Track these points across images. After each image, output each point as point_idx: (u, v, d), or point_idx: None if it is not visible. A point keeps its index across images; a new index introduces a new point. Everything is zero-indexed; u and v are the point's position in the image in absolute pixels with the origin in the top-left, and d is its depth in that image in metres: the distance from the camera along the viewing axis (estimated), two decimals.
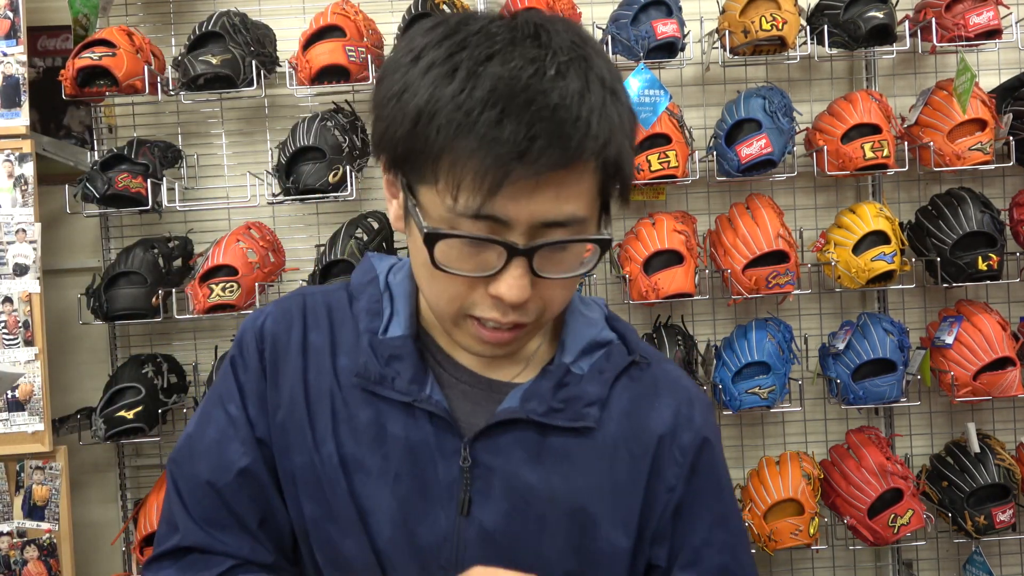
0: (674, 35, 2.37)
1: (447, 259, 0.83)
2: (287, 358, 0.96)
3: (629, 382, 0.98)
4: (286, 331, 0.98)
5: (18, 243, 2.28)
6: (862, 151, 2.40)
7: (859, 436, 2.54)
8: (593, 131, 0.80)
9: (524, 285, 0.82)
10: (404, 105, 0.82)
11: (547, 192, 0.80)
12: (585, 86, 0.81)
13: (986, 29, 2.43)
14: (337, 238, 2.41)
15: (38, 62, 2.66)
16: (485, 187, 0.79)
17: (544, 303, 0.87)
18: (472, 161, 0.78)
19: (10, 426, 2.24)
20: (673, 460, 0.96)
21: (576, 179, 0.81)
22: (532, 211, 0.80)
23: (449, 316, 0.88)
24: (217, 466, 0.94)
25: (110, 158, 2.42)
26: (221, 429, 0.95)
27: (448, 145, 0.79)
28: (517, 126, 0.78)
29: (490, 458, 0.91)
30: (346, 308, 0.99)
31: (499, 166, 0.78)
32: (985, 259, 2.41)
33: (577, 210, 0.82)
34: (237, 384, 0.97)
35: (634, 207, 2.69)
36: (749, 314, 2.65)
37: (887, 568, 2.75)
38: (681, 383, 1.02)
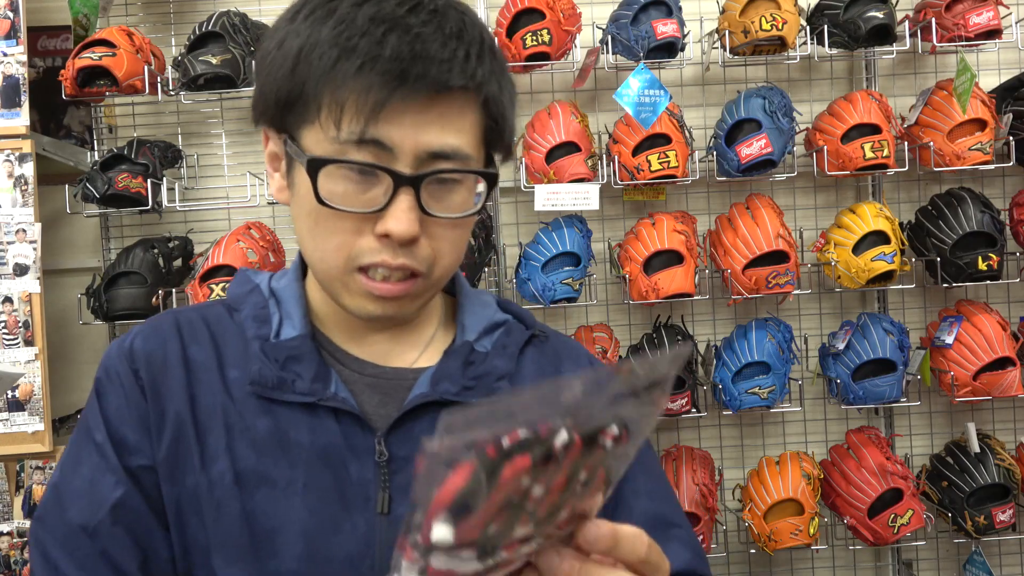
0: (674, 35, 2.37)
1: (332, 196, 0.82)
2: (167, 376, 0.89)
3: (533, 354, 0.99)
4: (160, 348, 0.91)
5: (18, 243, 2.28)
6: (862, 151, 2.40)
7: (859, 436, 2.54)
8: (472, 63, 0.82)
9: (412, 219, 0.81)
10: (283, 52, 0.84)
11: (431, 119, 0.81)
12: (463, 28, 0.84)
13: (986, 29, 2.42)
14: None
15: (38, 62, 2.66)
16: (368, 106, 0.79)
17: (434, 252, 0.85)
18: (355, 82, 0.79)
19: (10, 426, 2.24)
20: None
21: (459, 111, 0.83)
22: (417, 139, 0.81)
23: (337, 272, 0.85)
24: (89, 505, 0.86)
25: (110, 158, 2.42)
26: (93, 465, 0.87)
27: (329, 72, 0.81)
28: (399, 44, 0.80)
29: (407, 449, 0.87)
30: (227, 320, 0.94)
31: (382, 84, 0.79)
32: (985, 259, 2.41)
33: (462, 144, 0.83)
34: (103, 414, 0.89)
35: (634, 207, 2.69)
36: (749, 314, 2.65)
37: (887, 568, 2.75)
38: (580, 351, 1.05)
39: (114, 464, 0.87)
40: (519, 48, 2.38)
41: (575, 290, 2.39)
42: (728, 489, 2.65)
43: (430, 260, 0.85)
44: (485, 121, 0.87)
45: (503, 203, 2.65)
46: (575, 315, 2.69)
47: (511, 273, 2.53)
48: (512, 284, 2.49)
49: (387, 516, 0.86)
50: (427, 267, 0.86)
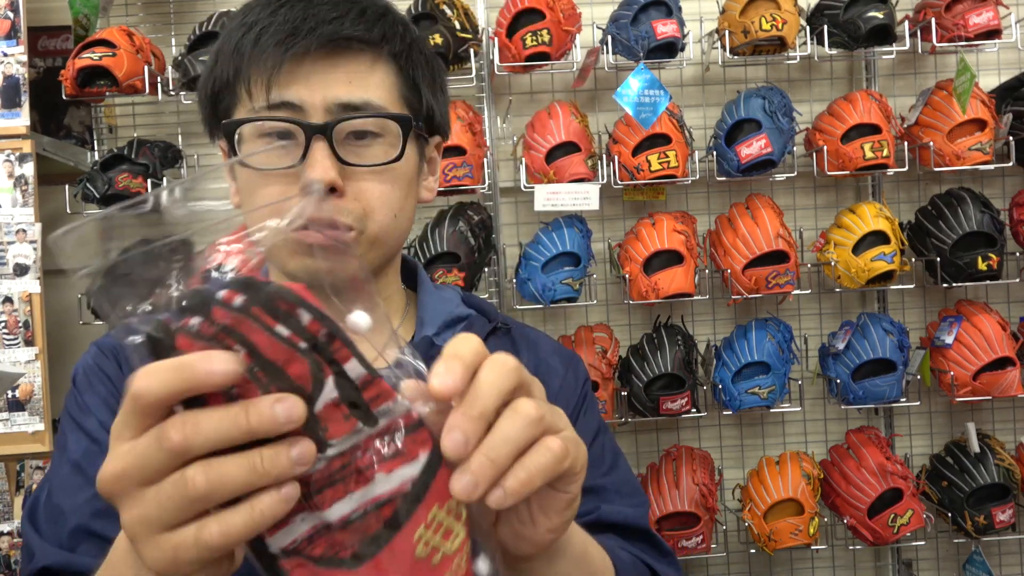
0: (674, 35, 2.37)
1: (256, 162, 0.86)
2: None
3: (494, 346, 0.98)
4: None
5: (18, 243, 2.28)
6: (862, 151, 2.40)
7: (859, 436, 2.54)
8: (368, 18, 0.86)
9: (328, 166, 0.83)
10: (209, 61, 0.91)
11: (338, 77, 0.85)
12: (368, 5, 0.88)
13: (986, 29, 2.42)
14: None
15: (38, 62, 2.66)
16: (268, 69, 0.83)
17: (363, 205, 0.86)
18: (254, 51, 0.84)
19: (10, 426, 2.24)
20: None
21: (367, 68, 0.86)
22: (325, 94, 0.84)
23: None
24: (81, 489, 0.86)
25: (110, 158, 2.42)
26: (83, 451, 0.88)
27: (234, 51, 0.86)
28: (291, 12, 0.85)
29: None
30: None
31: (276, 45, 0.83)
32: (985, 259, 2.41)
33: (374, 98, 0.86)
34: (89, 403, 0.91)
35: (634, 207, 2.69)
36: (749, 314, 2.65)
37: (887, 568, 2.75)
38: (542, 340, 1.06)
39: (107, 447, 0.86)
40: (519, 48, 2.38)
41: (575, 290, 2.39)
42: (728, 489, 2.65)
43: (358, 213, 0.86)
44: (399, 81, 0.89)
45: (503, 203, 2.65)
46: (575, 315, 2.69)
47: (511, 273, 2.53)
48: (512, 284, 2.49)
49: None
50: (357, 220, 0.86)
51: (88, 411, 0.91)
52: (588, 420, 1.01)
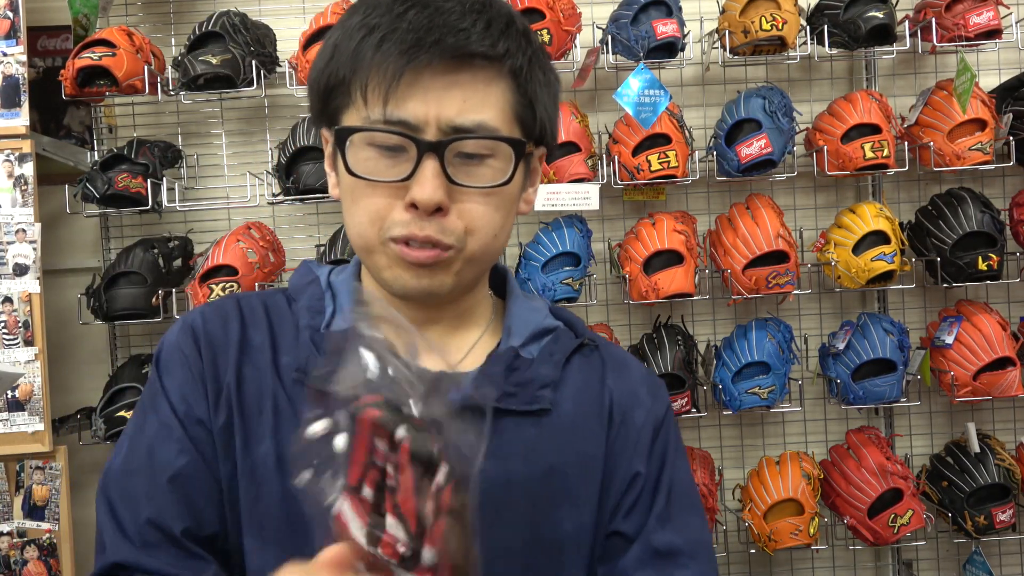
0: (674, 35, 2.37)
1: (364, 168, 0.85)
2: (225, 355, 0.93)
3: (580, 363, 0.98)
4: (222, 328, 0.94)
5: (18, 243, 2.28)
6: (862, 151, 2.40)
7: (859, 436, 2.54)
8: (493, 33, 0.84)
9: (436, 185, 0.83)
10: (325, 48, 0.90)
11: (454, 95, 0.84)
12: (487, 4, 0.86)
13: (986, 29, 2.42)
14: (337, 238, 2.41)
15: (38, 62, 2.66)
16: (388, 77, 0.82)
17: (466, 225, 0.86)
18: (375, 55, 0.83)
19: (10, 426, 2.24)
20: (629, 439, 0.96)
21: (484, 84, 0.85)
22: (440, 113, 0.83)
23: (374, 243, 0.87)
24: (149, 475, 0.89)
25: (110, 158, 2.42)
26: (155, 435, 0.90)
27: (355, 52, 0.85)
28: (418, 17, 0.83)
29: None
30: (285, 308, 0.97)
31: (399, 54, 0.82)
32: (985, 259, 2.41)
33: (487, 119, 0.85)
34: (166, 387, 0.92)
35: (634, 207, 2.69)
36: (749, 314, 2.65)
37: (887, 568, 2.75)
38: (628, 363, 1.03)
39: (178, 435, 0.90)
40: None
41: (575, 290, 2.39)
42: (728, 489, 2.65)
43: (460, 233, 0.86)
44: (515, 98, 0.87)
45: None
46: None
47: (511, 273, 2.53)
48: None
49: None
50: (457, 240, 0.86)
51: (163, 395, 0.92)
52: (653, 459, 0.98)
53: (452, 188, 0.84)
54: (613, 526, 0.95)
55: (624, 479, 0.95)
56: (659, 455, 0.98)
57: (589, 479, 0.93)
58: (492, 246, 0.90)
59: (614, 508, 0.95)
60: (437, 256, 0.86)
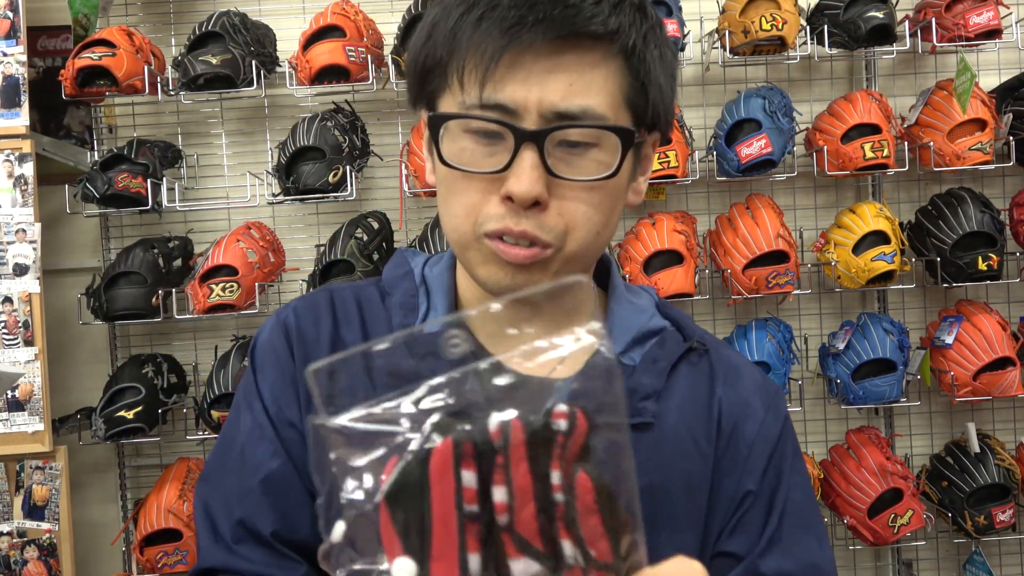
0: (674, 35, 2.37)
1: (459, 158, 0.80)
2: (317, 354, 0.88)
3: (687, 370, 0.90)
4: (313, 325, 0.91)
5: (18, 243, 2.28)
6: (862, 151, 2.40)
7: (859, 436, 2.54)
8: (604, 10, 0.77)
9: (534, 178, 0.77)
10: (423, 27, 0.84)
11: (559, 78, 0.77)
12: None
13: (986, 29, 2.42)
14: (337, 238, 2.41)
15: (38, 62, 2.66)
16: (485, 60, 0.76)
17: (565, 221, 0.79)
18: (474, 34, 0.77)
19: (10, 426, 2.24)
20: (740, 455, 0.89)
21: (592, 68, 0.78)
22: (541, 97, 0.77)
23: (467, 238, 0.82)
24: (241, 476, 0.87)
25: (110, 158, 2.42)
26: (248, 435, 0.89)
27: (453, 30, 0.79)
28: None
29: None
30: (378, 303, 0.93)
31: (500, 33, 0.76)
32: (985, 259, 2.41)
33: (594, 104, 0.78)
34: (259, 386, 0.90)
35: (633, 207, 2.68)
36: (749, 314, 2.65)
37: (887, 568, 2.74)
38: (741, 370, 0.94)
39: (270, 435, 0.87)
40: None
41: None
42: None
43: (559, 230, 0.79)
44: (626, 80, 0.80)
45: None
46: None
47: None
48: None
49: None
50: (556, 238, 0.80)
51: (256, 394, 0.90)
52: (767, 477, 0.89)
53: (552, 181, 0.78)
54: (719, 546, 0.88)
55: (733, 498, 0.88)
56: (774, 472, 0.90)
57: (694, 500, 0.87)
58: (595, 244, 0.83)
59: (722, 528, 0.88)
60: (535, 255, 0.79)
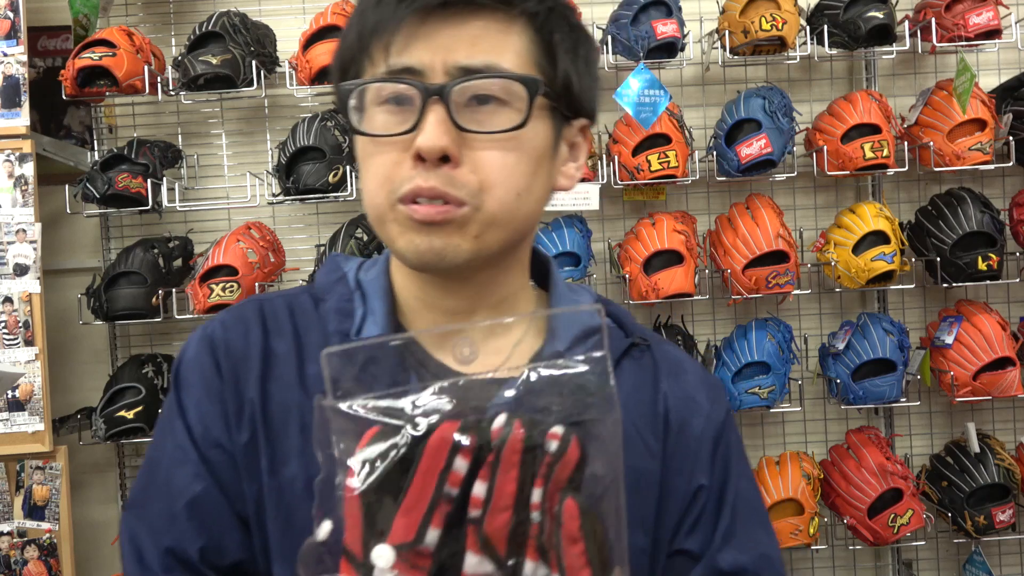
0: (674, 35, 2.37)
1: (371, 126, 0.80)
2: (246, 367, 0.85)
3: (631, 367, 0.90)
4: (242, 337, 0.87)
5: (18, 243, 2.28)
6: (862, 151, 2.40)
7: (859, 436, 2.54)
8: None
9: (440, 132, 0.75)
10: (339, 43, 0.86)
11: (462, 38, 0.77)
12: None
13: (986, 29, 2.42)
14: (337, 238, 2.41)
15: (38, 62, 2.66)
16: (388, 31, 0.77)
17: (479, 178, 0.78)
18: (375, 12, 0.79)
19: (10, 426, 2.24)
20: (689, 450, 0.89)
21: (496, 32, 0.78)
22: (446, 57, 0.77)
23: (383, 208, 0.80)
24: (167, 501, 0.84)
25: (110, 158, 2.42)
26: (171, 457, 0.85)
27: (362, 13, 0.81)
28: None
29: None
30: (311, 310, 0.89)
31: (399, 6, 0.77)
32: (985, 259, 2.41)
33: (500, 60, 0.78)
34: (182, 405, 0.86)
35: (634, 207, 2.69)
36: (749, 314, 2.65)
37: (887, 568, 2.75)
38: (684, 365, 0.93)
39: (193, 457, 0.84)
40: None
41: None
42: None
43: (473, 187, 0.77)
44: (533, 44, 0.80)
45: None
46: None
47: None
48: None
49: None
50: (470, 195, 0.77)
51: (179, 414, 0.86)
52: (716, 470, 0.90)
53: (463, 137, 0.77)
54: (677, 544, 0.88)
55: (686, 493, 0.88)
56: (722, 465, 0.90)
57: (643, 497, 0.85)
58: (517, 208, 0.80)
59: (676, 525, 0.88)
60: (447, 212, 0.77)
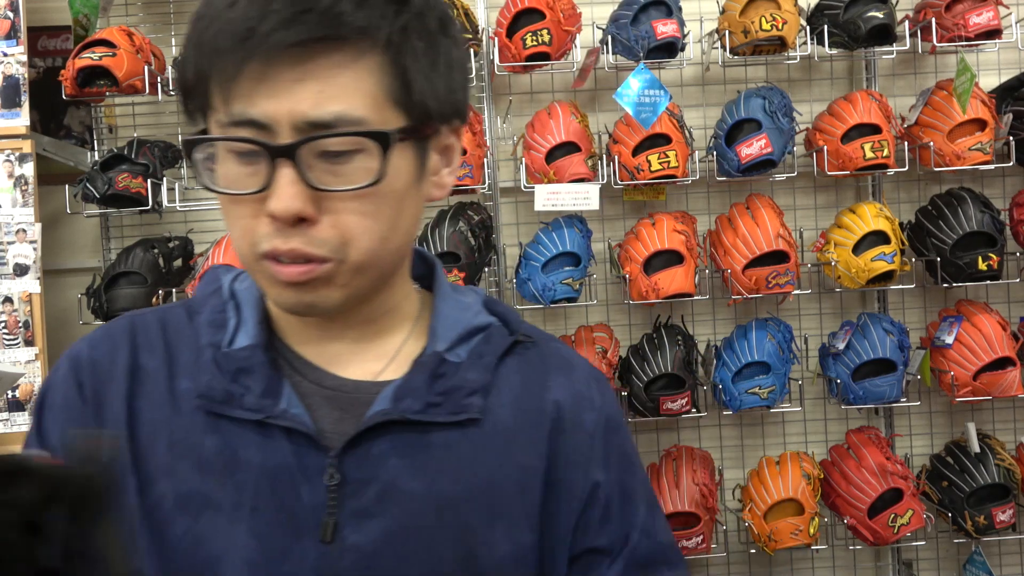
0: (674, 35, 2.37)
1: (225, 180, 0.75)
2: (110, 387, 0.83)
3: (516, 364, 0.87)
4: (108, 355, 0.85)
5: (18, 243, 2.28)
6: (862, 151, 2.40)
7: (859, 436, 2.54)
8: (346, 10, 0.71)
9: (292, 194, 0.72)
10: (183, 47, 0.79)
11: (308, 86, 0.71)
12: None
13: (986, 29, 2.43)
14: None
15: (38, 62, 2.66)
16: (227, 77, 0.71)
17: (340, 233, 0.74)
18: (213, 53, 0.72)
19: (10, 426, 2.24)
20: (583, 445, 0.86)
21: (342, 72, 0.72)
22: (291, 108, 0.71)
23: (249, 260, 0.78)
24: None
25: (110, 158, 2.42)
26: None
27: (197, 51, 0.74)
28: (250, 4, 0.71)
29: (363, 471, 0.79)
30: (184, 325, 0.86)
31: (232, 50, 0.71)
32: (985, 259, 2.41)
33: (347, 109, 0.72)
34: (39, 429, 0.84)
35: (634, 207, 2.69)
36: (749, 314, 2.65)
37: (887, 568, 2.75)
38: (572, 361, 0.92)
39: None
40: (519, 48, 2.38)
41: (575, 290, 2.39)
42: (728, 489, 2.65)
43: (334, 243, 0.74)
44: (386, 77, 0.74)
45: (503, 203, 2.65)
46: (575, 315, 2.69)
47: (511, 273, 2.53)
48: (512, 284, 2.49)
49: (331, 545, 0.78)
50: (332, 251, 0.75)
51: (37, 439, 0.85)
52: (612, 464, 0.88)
53: (319, 194, 0.73)
54: (587, 543, 0.86)
55: (582, 490, 0.86)
56: (617, 458, 0.88)
57: (529, 494, 0.84)
58: (384, 250, 0.78)
59: (578, 524, 0.86)
60: (309, 272, 0.75)
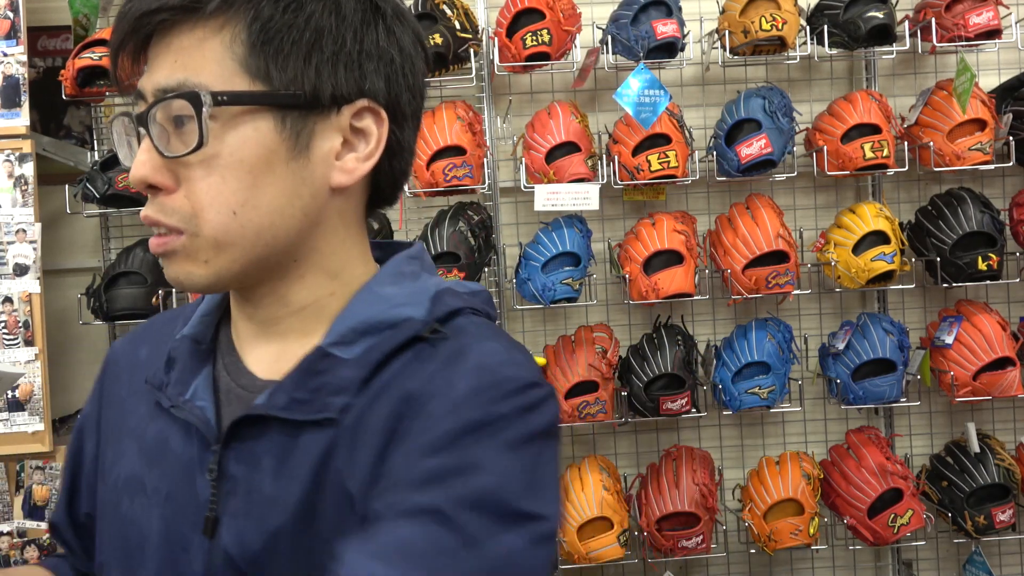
0: (674, 35, 2.37)
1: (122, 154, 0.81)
2: (117, 380, 0.89)
3: (410, 360, 0.78)
4: (130, 350, 0.90)
5: (18, 243, 2.28)
6: (862, 151, 2.40)
7: (859, 436, 2.54)
8: None
9: (142, 160, 0.74)
10: None
11: (168, 59, 0.75)
12: None
13: (986, 29, 2.42)
14: None
15: (38, 62, 2.66)
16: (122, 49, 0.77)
17: (192, 203, 0.75)
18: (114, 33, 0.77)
19: (10, 426, 2.24)
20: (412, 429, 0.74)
21: (201, 44, 0.74)
22: (153, 79, 0.75)
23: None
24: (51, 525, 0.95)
25: (110, 158, 2.42)
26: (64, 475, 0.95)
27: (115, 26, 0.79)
28: None
29: (238, 468, 0.77)
30: (180, 316, 0.90)
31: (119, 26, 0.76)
32: (985, 259, 2.41)
33: (192, 76, 0.73)
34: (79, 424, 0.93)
35: (634, 207, 2.69)
36: (749, 314, 2.65)
37: (887, 568, 2.75)
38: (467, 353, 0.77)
39: (65, 480, 0.93)
40: (519, 48, 2.38)
41: (575, 290, 2.39)
42: (728, 489, 2.65)
43: (185, 212, 0.75)
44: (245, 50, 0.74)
45: (503, 203, 2.65)
46: (575, 315, 2.69)
47: (511, 273, 2.53)
48: (512, 284, 2.49)
49: (212, 542, 0.76)
50: (184, 221, 0.75)
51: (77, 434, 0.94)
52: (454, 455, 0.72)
53: (177, 163, 0.74)
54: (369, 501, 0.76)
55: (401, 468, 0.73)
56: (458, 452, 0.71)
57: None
58: (239, 225, 0.75)
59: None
60: (167, 243, 0.76)
